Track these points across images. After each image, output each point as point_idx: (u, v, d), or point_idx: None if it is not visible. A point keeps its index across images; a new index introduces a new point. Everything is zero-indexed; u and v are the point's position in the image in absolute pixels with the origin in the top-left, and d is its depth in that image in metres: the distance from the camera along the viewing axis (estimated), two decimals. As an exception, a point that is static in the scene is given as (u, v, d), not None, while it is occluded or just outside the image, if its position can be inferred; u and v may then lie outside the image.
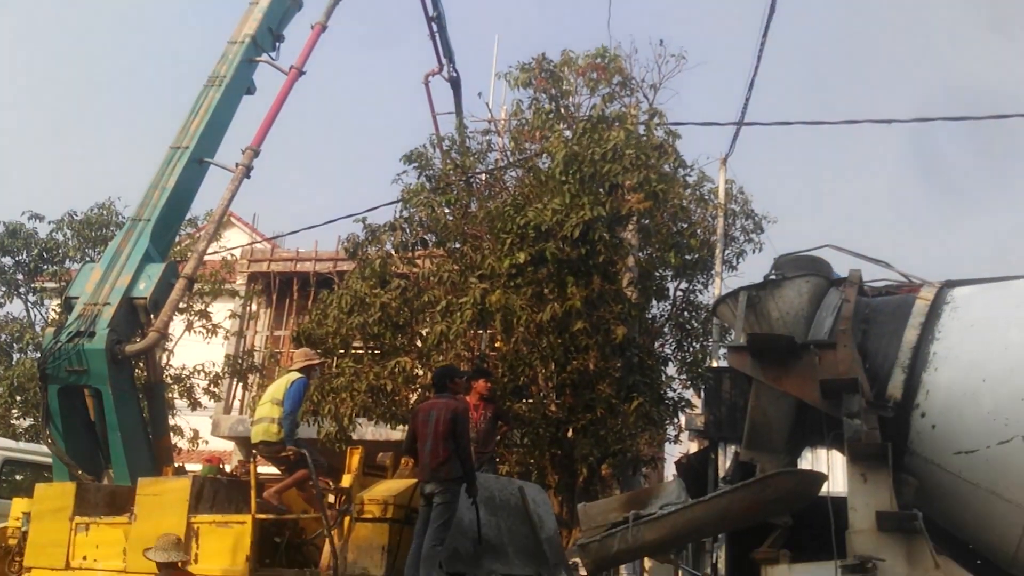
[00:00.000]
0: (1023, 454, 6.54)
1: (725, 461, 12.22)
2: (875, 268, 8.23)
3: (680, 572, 15.08)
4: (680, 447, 16.37)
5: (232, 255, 18.67)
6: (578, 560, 8.45)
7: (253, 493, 7.95)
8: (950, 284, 7.66)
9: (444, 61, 15.67)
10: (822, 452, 8.67)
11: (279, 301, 19.39)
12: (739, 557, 9.79)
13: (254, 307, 19.81)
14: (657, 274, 14.68)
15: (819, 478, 7.63)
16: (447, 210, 12.40)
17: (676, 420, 13.59)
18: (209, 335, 17.15)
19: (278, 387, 8.51)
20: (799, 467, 8.21)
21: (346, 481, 8.11)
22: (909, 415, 7.06)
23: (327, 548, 7.59)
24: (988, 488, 6.67)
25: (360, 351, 12.27)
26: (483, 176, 13.64)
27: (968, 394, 6.91)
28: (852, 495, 6.81)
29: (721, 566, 12.81)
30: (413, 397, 11.58)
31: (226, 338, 18.06)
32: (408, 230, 12.19)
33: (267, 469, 9.02)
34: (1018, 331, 7.05)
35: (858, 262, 8.18)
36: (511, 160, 13.53)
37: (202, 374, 16.96)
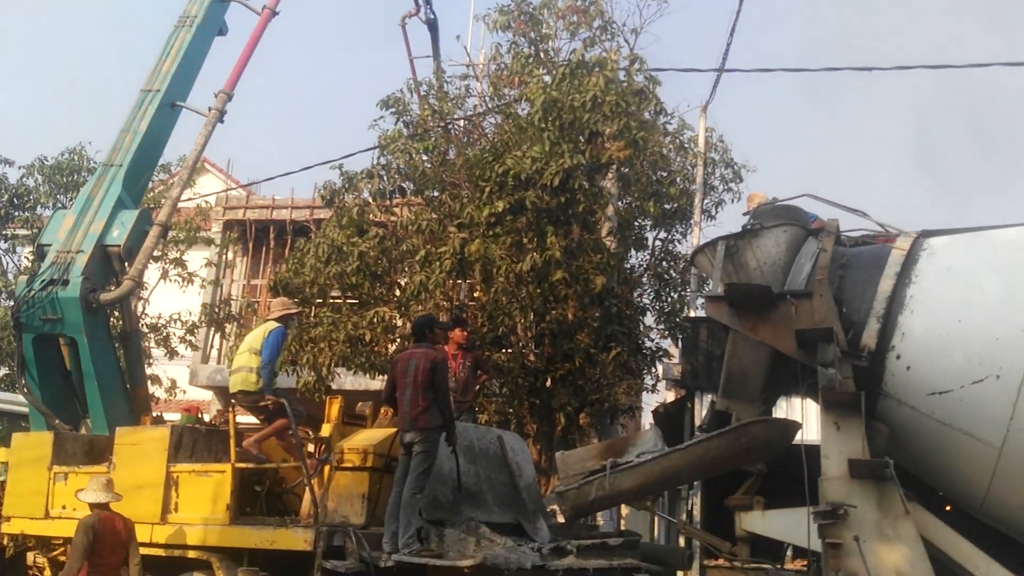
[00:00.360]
0: (996, 394, 6.61)
1: (701, 410, 12.36)
2: (853, 218, 8.26)
3: (656, 519, 15.34)
4: (657, 396, 16.55)
5: (207, 202, 18.43)
6: (556, 507, 8.57)
7: (232, 442, 7.95)
8: (926, 233, 7.70)
9: (421, 2, 15.34)
10: (796, 401, 8.76)
11: (255, 249, 19.20)
12: (714, 504, 9.97)
13: (230, 255, 19.62)
14: (636, 224, 14.69)
15: (793, 427, 7.74)
16: (425, 157, 12.27)
17: (653, 369, 13.71)
18: (185, 284, 17.02)
19: (256, 337, 8.47)
20: (774, 416, 8.30)
21: (326, 430, 8.15)
22: (884, 357, 7.11)
23: (307, 496, 7.64)
24: (960, 428, 6.74)
25: (338, 301, 12.23)
26: (461, 122, 13.49)
27: (943, 335, 6.96)
28: (825, 443, 6.90)
29: (696, 513, 13.06)
30: (392, 347, 11.58)
31: (202, 287, 17.93)
32: (386, 177, 12.06)
33: (246, 419, 9.02)
34: (995, 275, 7.11)
35: (836, 212, 8.21)
36: (490, 106, 13.37)
37: (178, 323, 16.85)
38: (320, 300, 11.97)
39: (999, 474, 6.62)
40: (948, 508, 7.40)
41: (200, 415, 9.28)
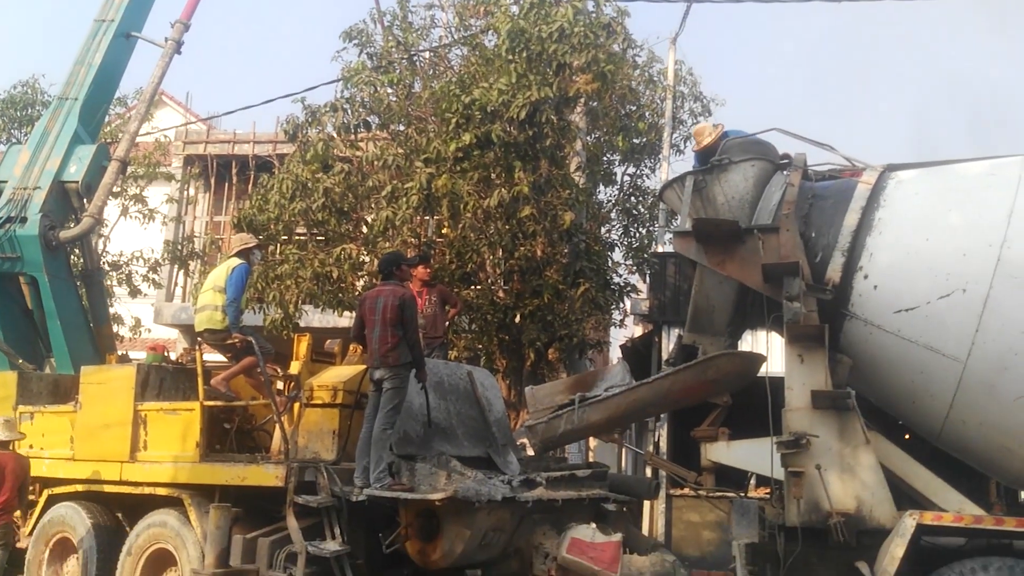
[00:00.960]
0: (962, 308, 6.66)
1: (668, 344, 12.54)
2: (821, 152, 8.27)
3: (624, 450, 15.63)
4: (625, 331, 16.69)
5: (166, 136, 18.01)
6: (526, 441, 8.68)
7: (200, 380, 7.93)
8: (892, 167, 7.74)
9: (384, -70, 14.86)
10: (762, 334, 8.87)
11: (218, 185, 18.83)
12: (680, 436, 10.17)
13: (192, 191, 19.25)
14: (605, 158, 14.62)
15: (758, 359, 7.86)
16: (390, 90, 12.01)
17: (621, 305, 13.78)
18: (146, 220, 16.70)
19: (219, 274, 8.37)
20: (739, 349, 8.41)
21: (294, 368, 8.14)
22: (852, 278, 7.15)
23: (278, 433, 7.66)
24: (926, 344, 6.79)
25: (304, 237, 12.08)
26: (427, 54, 13.22)
27: (911, 254, 7.01)
28: (789, 375, 7.03)
29: (663, 444, 13.33)
30: (359, 284, 11.50)
31: (164, 224, 17.62)
32: (350, 111, 11.79)
33: (213, 357, 8.98)
34: (962, 195, 7.17)
35: (804, 146, 8.21)
36: (455, 37, 13.10)
37: (141, 261, 16.59)
38: (285, 237, 11.82)
39: (963, 389, 6.67)
40: (908, 437, 7.61)
41: (166, 353, 9.23)
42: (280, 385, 8.24)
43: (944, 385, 6.78)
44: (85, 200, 10.49)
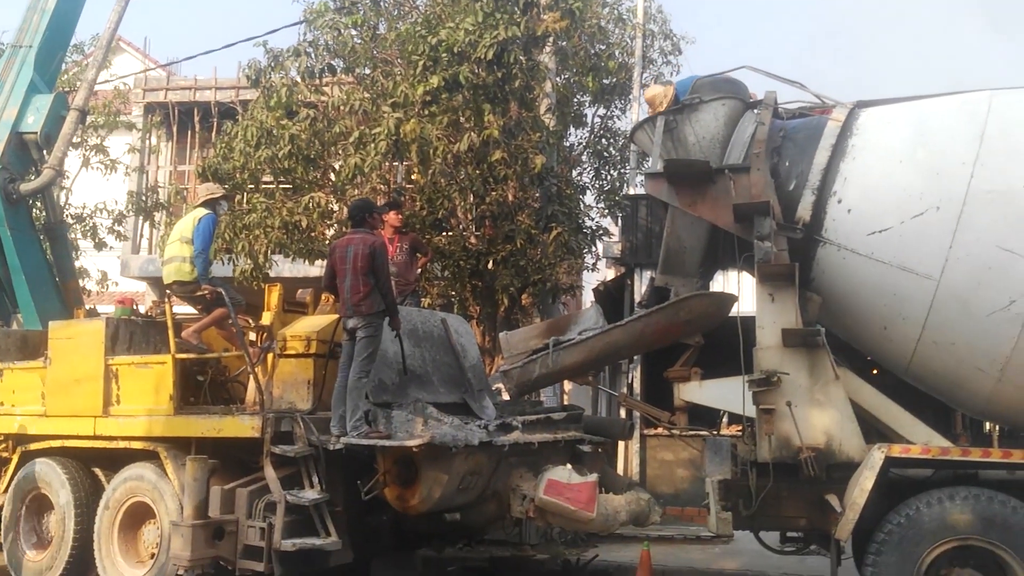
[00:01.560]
0: (936, 226, 6.65)
1: (641, 286, 12.60)
2: (792, 89, 8.21)
3: (598, 393, 15.78)
4: (598, 275, 16.75)
5: (125, 84, 17.54)
6: (501, 386, 8.73)
7: (171, 333, 7.87)
8: (862, 104, 7.71)
9: None
10: (733, 274, 8.94)
11: (180, 133, 18.43)
12: (654, 376, 10.27)
13: (154, 140, 18.85)
14: (575, 100, 14.48)
15: (730, 299, 7.91)
16: (354, 32, 11.76)
17: (594, 248, 13.80)
18: (108, 171, 16.36)
19: (185, 225, 8.25)
20: (711, 290, 8.45)
21: (266, 319, 8.09)
22: (826, 203, 7.13)
23: (252, 384, 7.64)
24: (900, 265, 6.76)
25: (271, 186, 11.90)
26: (391, -6, 12.94)
27: (885, 176, 6.99)
28: (760, 314, 7.05)
29: (637, 385, 13.48)
30: (329, 233, 11.40)
31: (127, 174, 17.27)
32: (314, 55, 11.54)
33: (183, 309, 8.89)
34: (935, 122, 7.14)
35: (774, 84, 8.15)
36: (420, -24, 12.82)
37: (105, 213, 16.29)
38: (252, 186, 11.64)
39: (936, 308, 6.66)
40: (875, 372, 7.73)
41: (135, 307, 9.12)
42: (252, 336, 8.19)
43: (917, 306, 6.76)
44: (45, 152, 10.24)
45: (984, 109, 6.93)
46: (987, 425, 8.51)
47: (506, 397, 8.78)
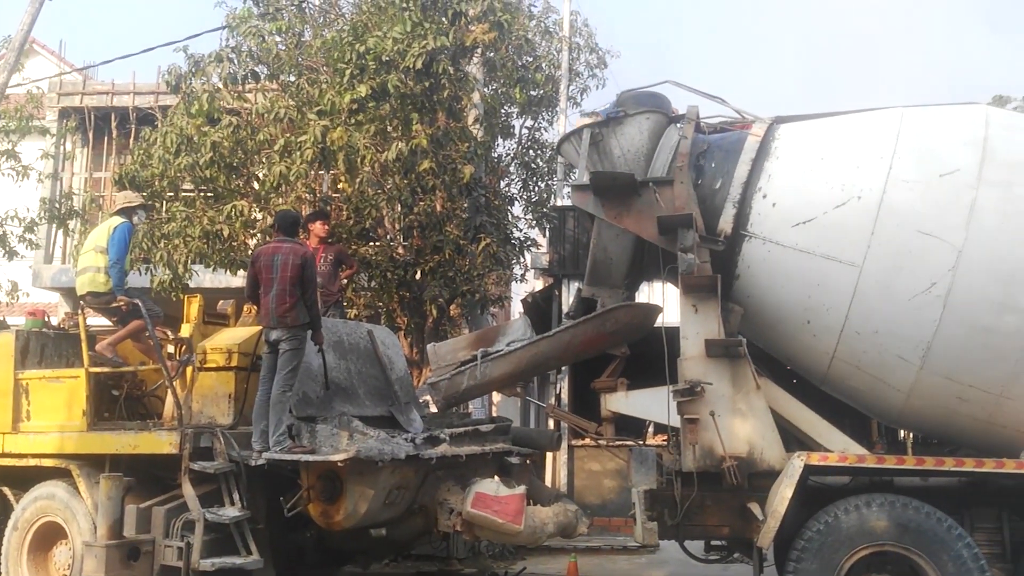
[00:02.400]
0: (858, 214, 6.83)
1: (568, 297, 12.67)
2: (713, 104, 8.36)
3: (526, 404, 15.81)
4: (526, 285, 16.79)
5: (38, 87, 16.91)
6: (428, 398, 8.66)
7: (85, 346, 7.63)
8: (780, 120, 7.91)
9: None
10: (658, 285, 9.03)
11: (96, 139, 17.86)
12: (581, 387, 10.32)
13: (69, 146, 18.23)
14: (503, 111, 14.52)
15: (654, 310, 8.00)
16: (279, 39, 11.57)
17: (522, 259, 13.82)
18: (20, 178, 15.73)
19: (100, 234, 7.99)
20: (637, 301, 8.54)
21: (185, 330, 7.88)
22: (751, 199, 7.28)
23: (170, 399, 7.43)
24: (823, 254, 6.89)
25: (191, 194, 11.59)
26: (317, 1, 12.78)
27: (807, 171, 7.18)
28: (684, 325, 7.15)
29: (564, 396, 13.54)
30: (252, 242, 11.16)
31: (40, 181, 16.63)
32: (236, 61, 11.31)
33: (98, 321, 8.60)
34: (854, 127, 7.42)
35: (696, 98, 8.30)
36: (347, -16, 12.70)
37: (16, 221, 15.66)
38: (172, 194, 11.34)
39: (859, 294, 6.78)
40: (795, 382, 7.89)
41: (47, 318, 8.80)
42: (171, 349, 7.96)
43: (840, 295, 6.87)
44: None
45: (898, 116, 7.21)
46: (902, 433, 8.75)
47: (434, 409, 8.72)
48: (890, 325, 6.77)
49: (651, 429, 9.40)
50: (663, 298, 8.23)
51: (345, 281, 9.69)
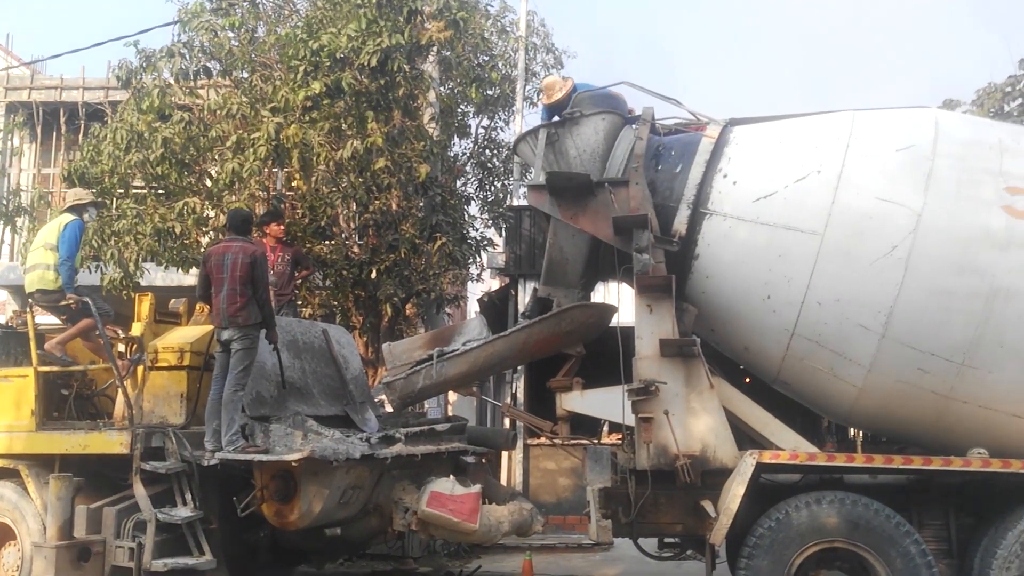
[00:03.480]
0: (818, 185, 6.94)
1: (524, 297, 12.70)
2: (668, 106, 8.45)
3: (482, 403, 15.82)
4: (482, 285, 16.79)
5: (-16, 82, 16.57)
6: (384, 397, 8.62)
7: (33, 344, 7.51)
8: (734, 122, 8.01)
9: None
10: (613, 285, 9.11)
11: (45, 135, 17.49)
12: (536, 387, 10.35)
13: (16, 142, 17.83)
14: (459, 110, 14.50)
15: (610, 310, 8.06)
16: (231, 34, 11.42)
17: (478, 259, 13.82)
18: (-35, 173, 15.38)
19: (50, 231, 7.86)
20: (592, 300, 8.59)
21: (136, 329, 7.78)
22: (712, 178, 7.37)
23: (120, 398, 7.32)
24: (784, 225, 6.97)
25: (142, 191, 11.39)
26: (270, -3, 12.64)
27: (767, 152, 7.33)
28: (639, 325, 7.18)
29: (520, 396, 13.58)
30: (205, 240, 11.01)
31: (-14, 176, 16.29)
32: (188, 57, 11.14)
33: (47, 319, 8.44)
34: (809, 122, 7.59)
35: (651, 100, 8.37)
36: (302, -20, 12.58)
37: (-39, 217, 15.27)
38: (122, 191, 11.14)
39: (820, 260, 6.84)
40: (748, 380, 8.01)
41: (-7, 317, 8.61)
42: (121, 348, 7.84)
43: (802, 264, 6.91)
44: None
45: (851, 115, 7.40)
46: (851, 431, 8.92)
47: (389, 409, 8.69)
48: (852, 291, 6.79)
49: (606, 428, 9.45)
50: (618, 298, 8.32)
51: (299, 281, 9.61)
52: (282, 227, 9.26)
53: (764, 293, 7.14)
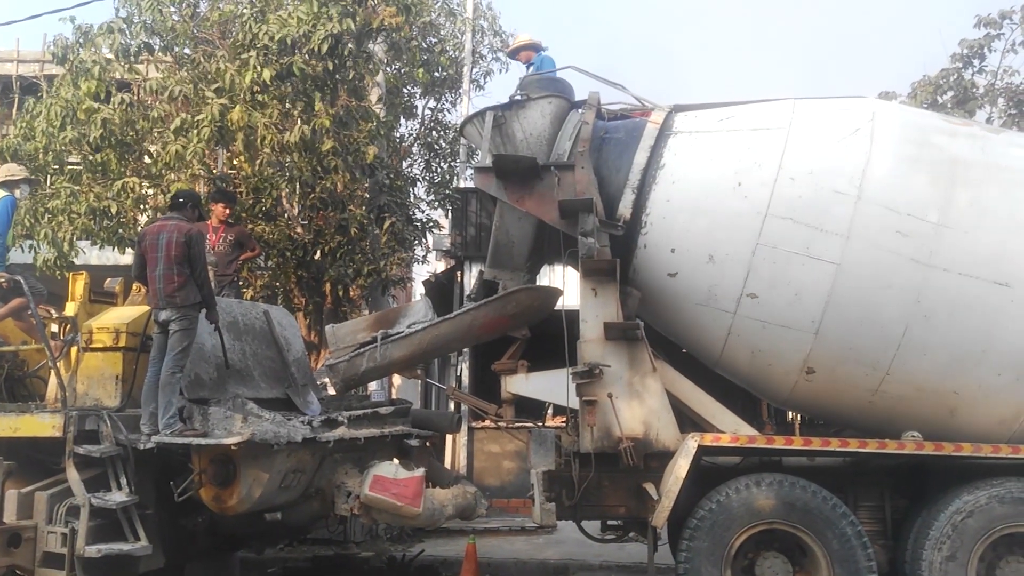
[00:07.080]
0: (758, 174, 7.09)
1: (471, 279, 12.67)
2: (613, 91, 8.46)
3: (427, 386, 15.77)
4: (428, 267, 16.72)
5: (-87, 53, 15.93)
6: (327, 380, 8.53)
7: (-40, 326, 7.22)
8: (678, 108, 8.07)
9: None
10: (559, 269, 9.11)
11: (-23, 109, 16.93)
12: (481, 370, 10.33)
13: (-54, 116, 17.21)
14: (406, 91, 14.38)
15: (555, 293, 8.07)
16: (173, 9, 11.13)
17: (424, 240, 13.75)
18: None
19: (-20, 209, 7.59)
20: (538, 284, 8.60)
21: (70, 309, 7.57)
22: (662, 151, 7.50)
23: (53, 380, 7.11)
24: (724, 212, 7.10)
25: (78, 167, 11.06)
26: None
27: (709, 142, 7.47)
28: (583, 308, 7.23)
29: (465, 378, 13.56)
30: (143, 219, 10.75)
31: (-87, 151, 15.67)
32: (129, 32, 10.83)
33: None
34: (751, 110, 7.66)
35: (596, 84, 8.39)
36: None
37: None
38: (56, 168, 10.81)
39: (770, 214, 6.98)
40: (684, 351, 8.07)
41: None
42: (55, 328, 7.62)
43: (747, 232, 7.02)
44: None
45: (791, 103, 7.51)
46: (790, 415, 9.09)
47: (332, 392, 8.60)
48: (791, 277, 6.90)
49: (550, 411, 9.52)
50: (564, 281, 8.32)
51: (242, 262, 9.43)
52: (228, 209, 9.07)
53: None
